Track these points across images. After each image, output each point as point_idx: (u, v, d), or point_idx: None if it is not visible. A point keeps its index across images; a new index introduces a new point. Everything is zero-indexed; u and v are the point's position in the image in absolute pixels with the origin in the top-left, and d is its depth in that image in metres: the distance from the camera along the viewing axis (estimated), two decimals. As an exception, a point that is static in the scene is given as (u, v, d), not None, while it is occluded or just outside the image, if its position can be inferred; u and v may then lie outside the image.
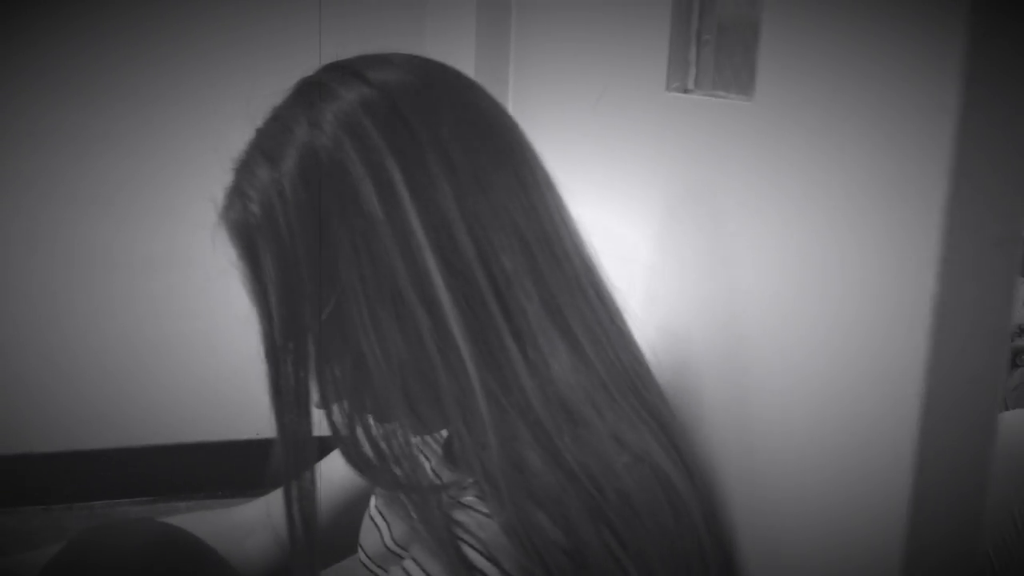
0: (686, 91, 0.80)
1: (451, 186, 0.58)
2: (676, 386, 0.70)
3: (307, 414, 0.59)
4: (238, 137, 0.62)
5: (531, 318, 0.58)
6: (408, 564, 0.59)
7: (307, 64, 0.65)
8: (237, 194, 0.61)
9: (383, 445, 0.60)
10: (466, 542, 0.56)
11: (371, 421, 0.61)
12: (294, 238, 0.58)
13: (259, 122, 0.63)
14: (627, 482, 0.56)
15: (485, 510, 0.56)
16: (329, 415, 0.60)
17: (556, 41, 1.14)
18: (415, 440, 0.67)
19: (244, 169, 0.61)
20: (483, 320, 0.57)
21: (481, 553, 0.55)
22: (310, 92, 0.61)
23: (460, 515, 0.57)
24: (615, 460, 0.56)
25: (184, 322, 1.76)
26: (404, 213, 0.57)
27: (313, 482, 0.60)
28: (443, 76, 0.64)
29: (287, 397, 0.59)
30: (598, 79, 0.95)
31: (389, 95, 0.60)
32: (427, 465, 0.72)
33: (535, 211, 0.61)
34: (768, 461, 0.62)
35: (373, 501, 0.77)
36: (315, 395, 0.59)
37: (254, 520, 0.84)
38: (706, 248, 0.71)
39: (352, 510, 0.81)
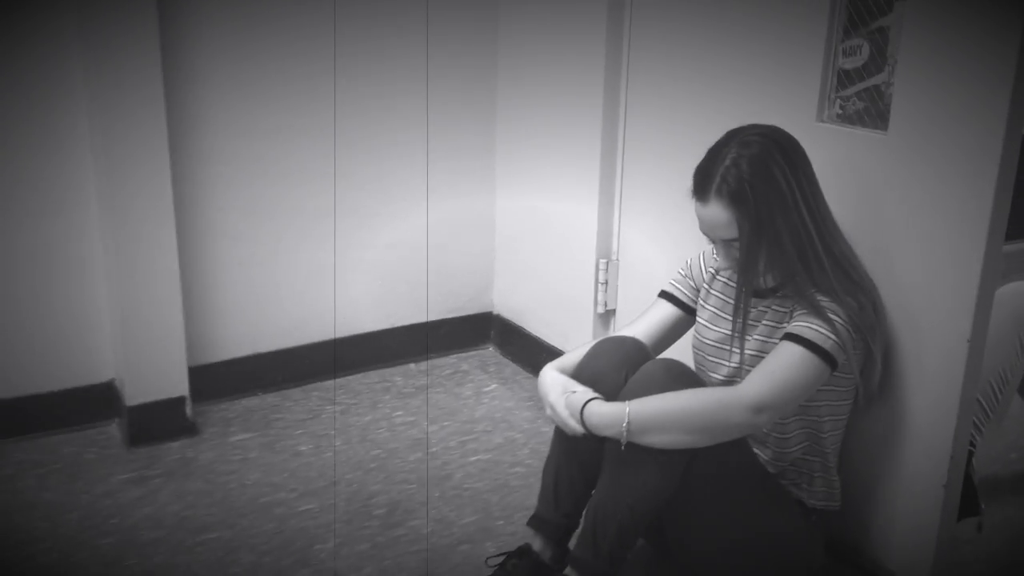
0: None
1: (811, 188, 1.53)
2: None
3: (758, 275, 1.57)
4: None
5: (838, 238, 1.58)
6: (799, 324, 1.53)
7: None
8: (724, 182, 1.49)
9: (780, 282, 1.61)
10: (827, 308, 1.53)
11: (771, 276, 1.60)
12: (758, 209, 1.48)
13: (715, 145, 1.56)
14: (874, 292, 1.60)
15: (828, 298, 1.54)
16: (761, 274, 1.57)
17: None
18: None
19: (720, 168, 1.50)
20: (825, 239, 1.54)
21: (831, 311, 1.53)
22: (745, 140, 1.51)
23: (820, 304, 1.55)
24: (868, 282, 1.60)
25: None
26: (797, 201, 1.50)
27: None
28: (787, 134, 1.55)
29: (751, 267, 1.54)
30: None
31: (780, 144, 1.51)
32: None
33: (825, 200, 1.59)
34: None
35: (706, 315, 1.74)
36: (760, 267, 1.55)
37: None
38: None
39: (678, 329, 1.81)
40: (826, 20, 1.72)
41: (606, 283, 2.39)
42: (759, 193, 1.49)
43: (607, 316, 2.43)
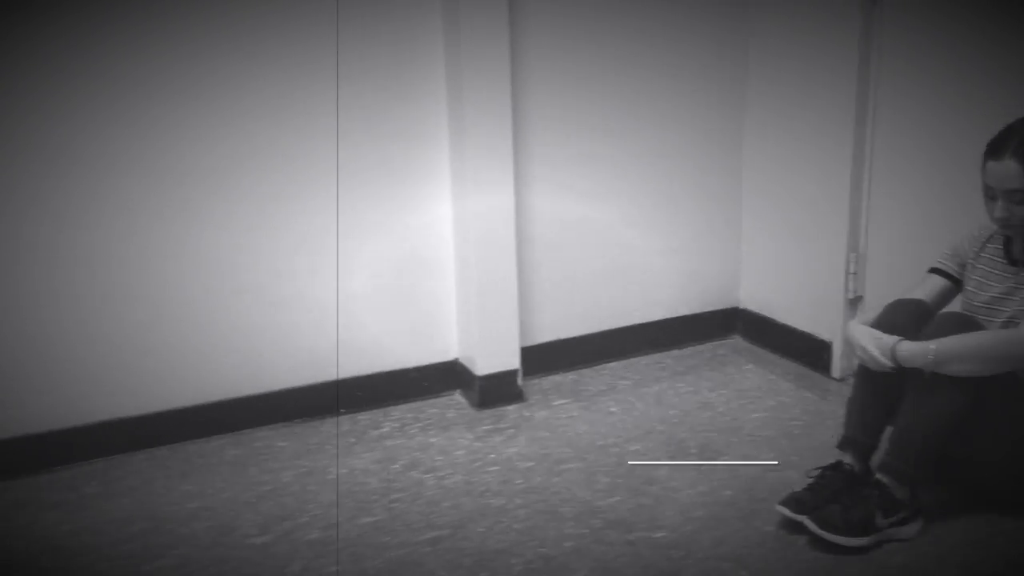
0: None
1: None
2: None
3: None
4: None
5: None
6: None
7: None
8: (1021, 144, 1.92)
9: None
10: None
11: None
12: None
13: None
14: None
15: None
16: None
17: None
18: None
19: (1017, 136, 1.94)
20: None
21: None
22: None
23: None
24: None
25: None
26: None
27: None
28: None
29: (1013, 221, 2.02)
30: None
31: None
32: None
33: None
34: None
35: (973, 283, 2.19)
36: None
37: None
38: None
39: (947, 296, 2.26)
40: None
41: (855, 273, 2.86)
42: None
43: (855, 301, 2.90)
